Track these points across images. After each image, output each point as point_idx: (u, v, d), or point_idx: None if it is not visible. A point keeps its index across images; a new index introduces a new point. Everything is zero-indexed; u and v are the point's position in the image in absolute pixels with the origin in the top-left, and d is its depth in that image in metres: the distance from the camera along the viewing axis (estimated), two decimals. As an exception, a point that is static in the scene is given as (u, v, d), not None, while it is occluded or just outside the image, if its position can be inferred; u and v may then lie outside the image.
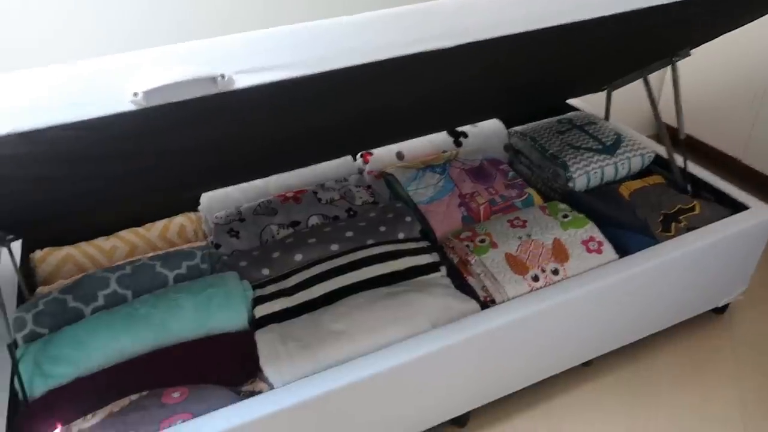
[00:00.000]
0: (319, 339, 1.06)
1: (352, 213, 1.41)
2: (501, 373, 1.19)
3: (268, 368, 1.02)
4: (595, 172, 1.48)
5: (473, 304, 1.15)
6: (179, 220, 1.46)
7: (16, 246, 1.34)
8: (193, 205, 1.48)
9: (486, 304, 1.17)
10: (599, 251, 1.25)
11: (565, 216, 1.32)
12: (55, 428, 0.94)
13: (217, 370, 1.05)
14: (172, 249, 1.34)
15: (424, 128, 1.54)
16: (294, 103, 0.88)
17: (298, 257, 1.26)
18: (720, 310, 1.52)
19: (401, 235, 1.32)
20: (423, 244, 1.29)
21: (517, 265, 1.21)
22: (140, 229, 1.43)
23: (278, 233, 1.35)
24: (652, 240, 1.28)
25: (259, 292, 1.18)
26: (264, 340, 1.08)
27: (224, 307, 1.13)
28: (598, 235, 1.28)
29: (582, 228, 1.29)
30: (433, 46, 0.80)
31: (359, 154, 1.58)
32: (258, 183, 1.50)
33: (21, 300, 1.21)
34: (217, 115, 0.80)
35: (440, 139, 1.62)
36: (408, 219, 1.35)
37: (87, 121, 0.67)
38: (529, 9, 0.81)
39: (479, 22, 0.80)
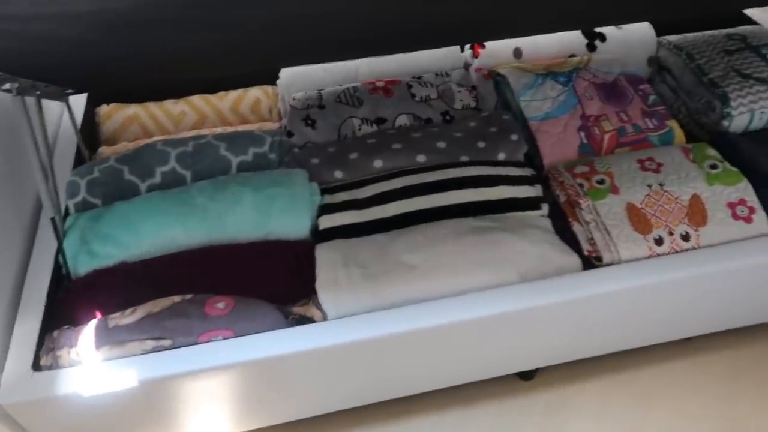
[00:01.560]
0: (388, 270, 0.92)
1: (448, 117, 1.19)
2: (588, 338, 1.02)
3: (324, 294, 0.90)
4: (763, 112, 1.16)
5: (575, 259, 0.96)
6: (255, 92, 1.29)
7: (81, 101, 1.23)
8: (272, 79, 1.31)
9: (590, 260, 0.97)
10: (749, 219, 1.00)
11: (714, 166, 1.05)
12: (92, 317, 0.87)
13: (269, 281, 0.94)
14: (240, 128, 1.20)
15: (555, 22, 1.24)
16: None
17: (378, 163, 1.08)
18: None
19: (502, 156, 1.11)
20: (527, 171, 1.08)
21: (640, 221, 0.98)
22: (212, 97, 1.29)
23: (360, 129, 1.17)
24: (821, 215, 1.01)
25: (329, 198, 1.03)
26: (325, 259, 0.94)
27: (287, 211, 0.99)
28: (752, 199, 1.01)
29: (732, 186, 1.02)
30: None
31: (468, 45, 1.32)
32: (348, 64, 1.28)
33: (79, 162, 1.12)
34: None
35: (571, 38, 1.32)
36: (514, 137, 1.12)
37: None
38: None
39: None
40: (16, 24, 0.59)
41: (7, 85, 0.82)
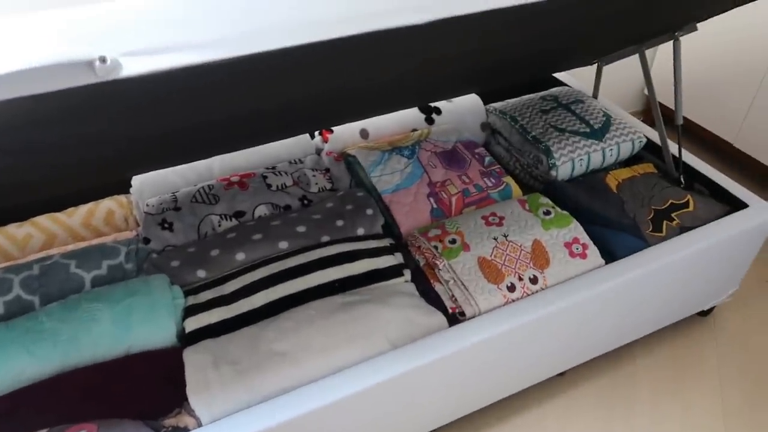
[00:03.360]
0: (258, 362, 0.91)
1: (306, 202, 1.23)
2: (466, 392, 1.06)
3: (195, 400, 0.86)
4: (581, 159, 1.32)
5: (439, 318, 1.01)
6: (107, 203, 1.26)
7: None
8: (124, 188, 1.28)
9: (454, 315, 1.03)
10: (583, 255, 1.11)
11: (547, 213, 1.17)
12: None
13: (136, 397, 0.89)
14: (94, 242, 1.16)
15: (393, 104, 1.36)
16: (220, 87, 0.69)
17: (240, 256, 1.08)
18: (705, 313, 1.41)
19: (361, 231, 1.16)
20: (385, 242, 1.13)
21: (492, 272, 1.06)
22: (60, 215, 1.23)
23: (220, 225, 1.17)
24: (641, 242, 1.15)
25: (192, 299, 1.01)
26: (193, 363, 0.91)
27: (148, 320, 0.96)
28: (583, 237, 1.14)
29: (565, 228, 1.14)
30: (404, 22, 0.63)
31: (318, 131, 1.39)
32: (200, 164, 1.30)
33: None
34: (105, 106, 0.61)
35: (411, 115, 1.44)
36: (369, 212, 1.18)
37: None
38: (521, -23, 0.64)
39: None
40: None
41: None
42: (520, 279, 1.06)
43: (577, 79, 1.67)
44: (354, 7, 0.60)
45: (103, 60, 0.50)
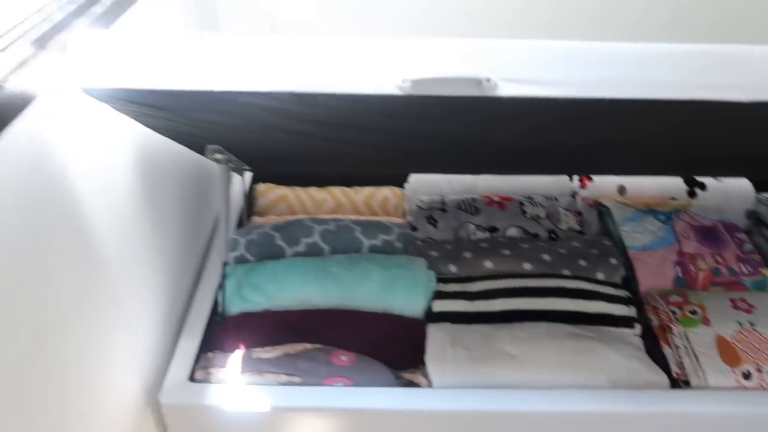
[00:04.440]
0: (489, 355, 1.04)
1: (554, 236, 1.34)
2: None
3: (432, 366, 1.02)
4: None
5: (663, 378, 1.04)
6: (385, 191, 1.51)
7: (247, 177, 1.50)
8: (399, 181, 1.53)
9: (677, 381, 1.05)
10: (840, 371, 1.04)
11: (806, 316, 1.12)
12: (239, 348, 1.05)
13: (385, 348, 1.08)
14: (372, 218, 1.40)
15: (658, 169, 1.40)
16: (542, 118, 0.84)
17: (488, 264, 1.23)
18: None
19: (600, 276, 1.23)
20: (623, 293, 1.19)
21: (729, 354, 1.05)
22: (349, 190, 1.52)
23: (475, 234, 1.34)
24: None
25: (442, 287, 1.19)
26: (435, 336, 1.08)
27: (407, 292, 1.15)
28: (844, 352, 1.06)
29: (824, 337, 1.08)
30: (720, 97, 0.71)
31: (577, 176, 1.49)
32: (467, 178, 1.49)
33: (240, 225, 1.36)
34: (466, 114, 0.80)
35: (673, 183, 1.46)
36: (613, 261, 1.25)
37: (353, 95, 0.71)
38: None
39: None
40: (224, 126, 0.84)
41: (218, 155, 1.07)
42: (759, 370, 1.03)
43: None
44: (689, 77, 0.70)
45: (488, 80, 0.68)
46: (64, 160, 0.75)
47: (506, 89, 0.69)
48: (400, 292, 1.15)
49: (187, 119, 0.85)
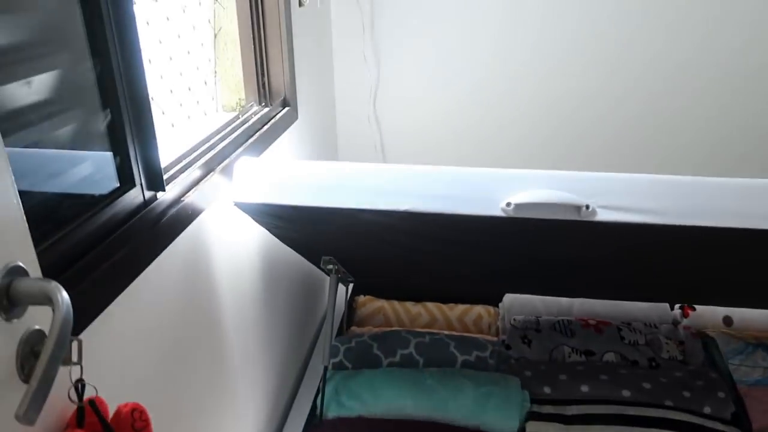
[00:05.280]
0: (587, 483, 1.00)
1: (654, 364, 1.30)
2: None
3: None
4: None
5: None
6: (479, 309, 1.55)
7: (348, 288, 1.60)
8: (494, 301, 1.56)
9: None
10: None
11: None
12: (336, 452, 1.08)
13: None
14: (466, 334, 1.44)
15: (765, 301, 1.36)
16: (637, 244, 0.88)
17: (585, 389, 1.21)
18: None
19: (707, 410, 1.17)
20: (734, 430, 1.12)
21: None
22: (444, 306, 1.57)
23: (569, 356, 1.33)
24: None
25: (536, 407, 1.18)
26: (530, 458, 1.06)
27: (500, 409, 1.15)
28: None
29: None
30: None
31: (679, 305, 1.47)
32: (562, 300, 1.50)
33: (339, 332, 1.44)
34: (565, 237, 0.86)
35: (784, 317, 1.40)
36: (721, 395, 1.19)
37: (460, 216, 0.79)
38: None
39: None
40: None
41: (330, 266, 1.18)
42: None
43: None
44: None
45: (587, 207, 0.75)
46: (212, 266, 0.88)
47: (604, 215, 0.75)
48: (493, 409, 1.15)
49: (311, 231, 0.97)
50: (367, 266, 1.28)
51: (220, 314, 0.91)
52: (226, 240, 0.94)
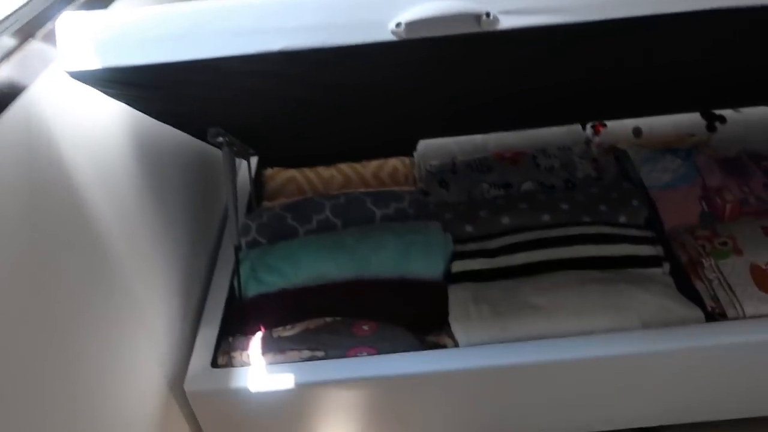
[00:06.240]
0: (514, 309, 1.01)
1: (570, 185, 1.30)
2: (712, 397, 1.03)
3: (456, 325, 1.00)
4: None
5: (697, 312, 1.00)
6: (393, 162, 1.48)
7: (253, 162, 1.47)
8: (408, 150, 1.49)
9: (713, 314, 1.01)
10: None
11: (843, 236, 1.07)
12: (259, 329, 1.03)
13: (406, 314, 1.06)
14: (383, 189, 1.37)
15: (673, 105, 1.35)
16: (546, 52, 0.80)
17: (506, 220, 1.20)
18: None
19: (623, 219, 1.19)
20: (647, 233, 1.15)
21: (765, 282, 1.01)
22: (357, 165, 1.48)
23: (489, 192, 1.30)
24: None
25: (460, 248, 1.16)
26: (457, 296, 1.05)
27: (423, 255, 1.12)
28: None
29: None
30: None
31: (590, 124, 1.45)
32: (476, 138, 1.45)
33: (249, 209, 1.34)
34: (468, 57, 0.76)
35: (689, 120, 1.41)
36: (635, 203, 1.20)
37: (346, 47, 0.67)
38: None
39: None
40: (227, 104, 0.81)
41: (220, 139, 1.05)
42: (799, 296, 0.99)
43: None
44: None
45: (488, 15, 0.65)
46: (60, 150, 0.74)
47: (507, 22, 0.65)
48: (416, 257, 1.12)
49: (177, 96, 0.83)
50: (264, 133, 1.16)
51: (90, 210, 0.79)
52: (76, 121, 0.78)
